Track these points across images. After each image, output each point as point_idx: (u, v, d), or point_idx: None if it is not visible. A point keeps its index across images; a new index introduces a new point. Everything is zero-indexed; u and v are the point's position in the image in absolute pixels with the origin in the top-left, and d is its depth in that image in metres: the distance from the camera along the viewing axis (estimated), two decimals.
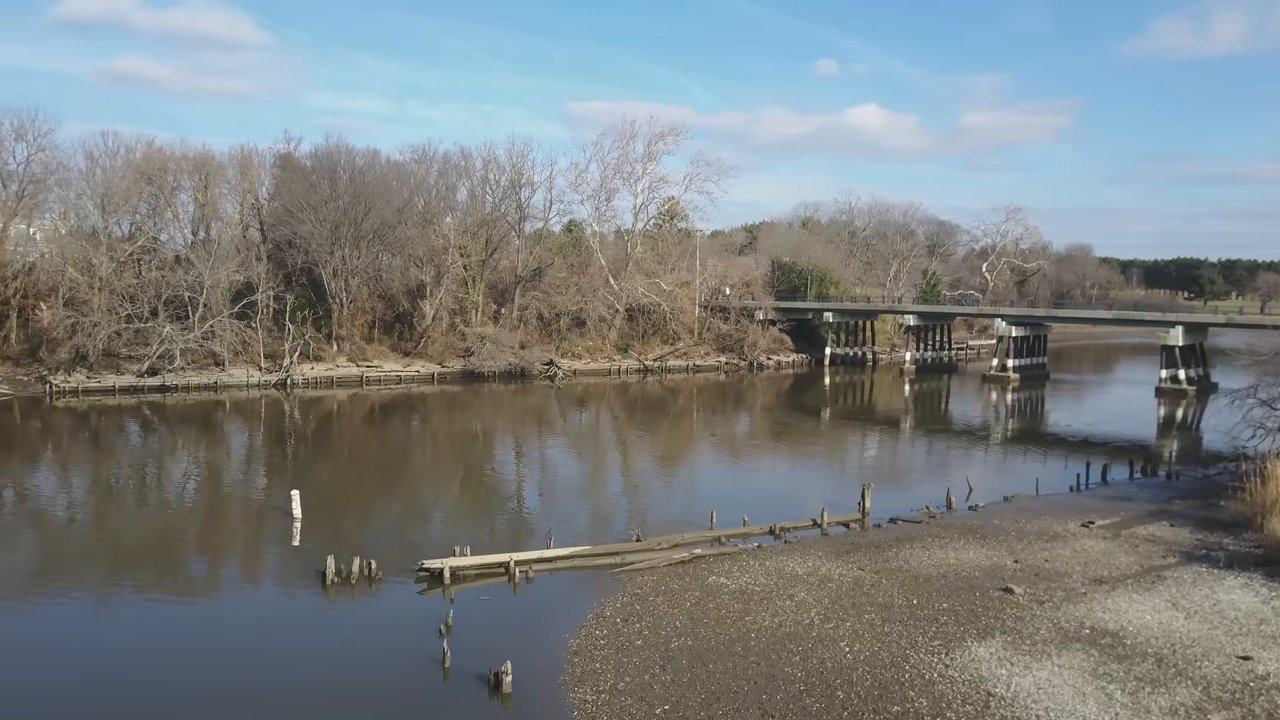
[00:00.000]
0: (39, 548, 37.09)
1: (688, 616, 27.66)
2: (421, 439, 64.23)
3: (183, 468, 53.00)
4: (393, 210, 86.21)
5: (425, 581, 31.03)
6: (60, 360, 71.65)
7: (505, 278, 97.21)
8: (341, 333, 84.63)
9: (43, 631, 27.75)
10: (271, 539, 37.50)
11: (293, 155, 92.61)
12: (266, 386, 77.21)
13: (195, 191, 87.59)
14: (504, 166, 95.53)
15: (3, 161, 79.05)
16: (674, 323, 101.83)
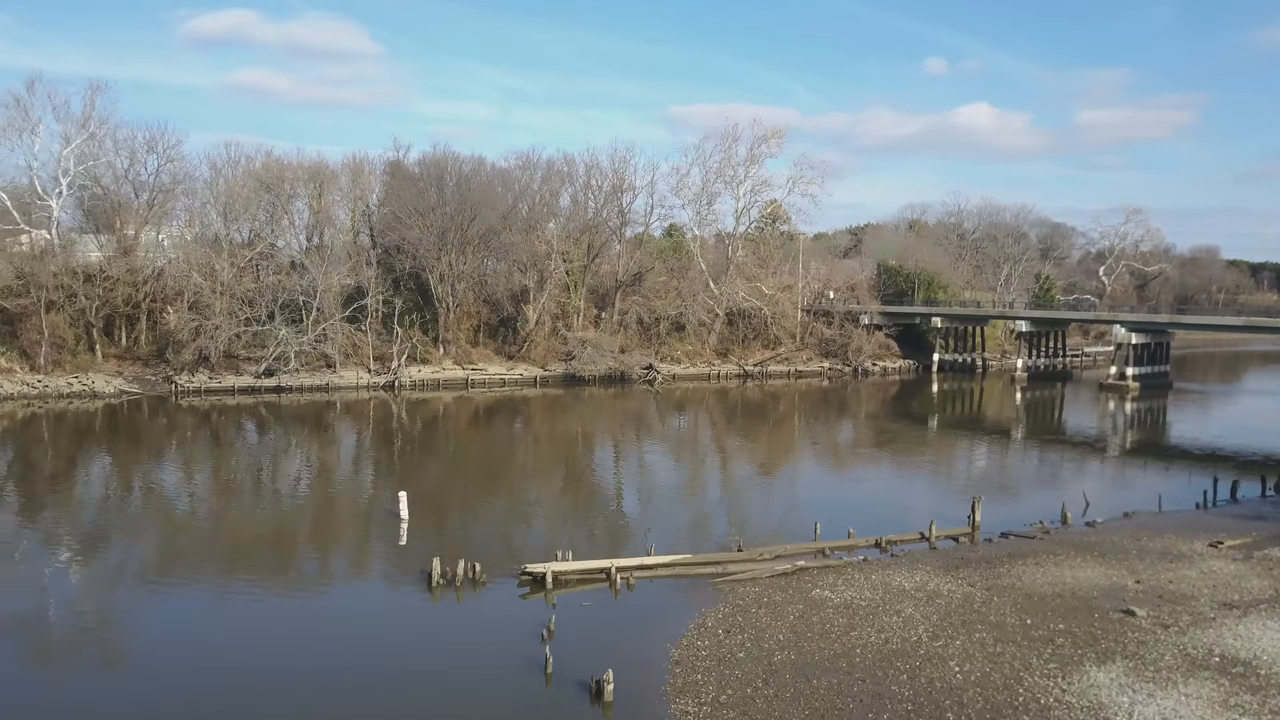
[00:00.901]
0: (164, 539, 38.86)
1: (791, 630, 27.14)
2: (524, 441, 65.02)
3: (296, 466, 54.86)
4: (497, 216, 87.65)
5: (527, 585, 31.27)
6: (185, 361, 75.08)
7: (606, 282, 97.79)
8: (447, 336, 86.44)
9: (166, 620, 29.02)
10: (379, 538, 38.41)
11: (402, 163, 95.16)
12: (375, 388, 79.38)
13: (310, 199, 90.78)
14: (606, 172, 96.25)
15: (135, 172, 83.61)
16: (775, 327, 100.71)
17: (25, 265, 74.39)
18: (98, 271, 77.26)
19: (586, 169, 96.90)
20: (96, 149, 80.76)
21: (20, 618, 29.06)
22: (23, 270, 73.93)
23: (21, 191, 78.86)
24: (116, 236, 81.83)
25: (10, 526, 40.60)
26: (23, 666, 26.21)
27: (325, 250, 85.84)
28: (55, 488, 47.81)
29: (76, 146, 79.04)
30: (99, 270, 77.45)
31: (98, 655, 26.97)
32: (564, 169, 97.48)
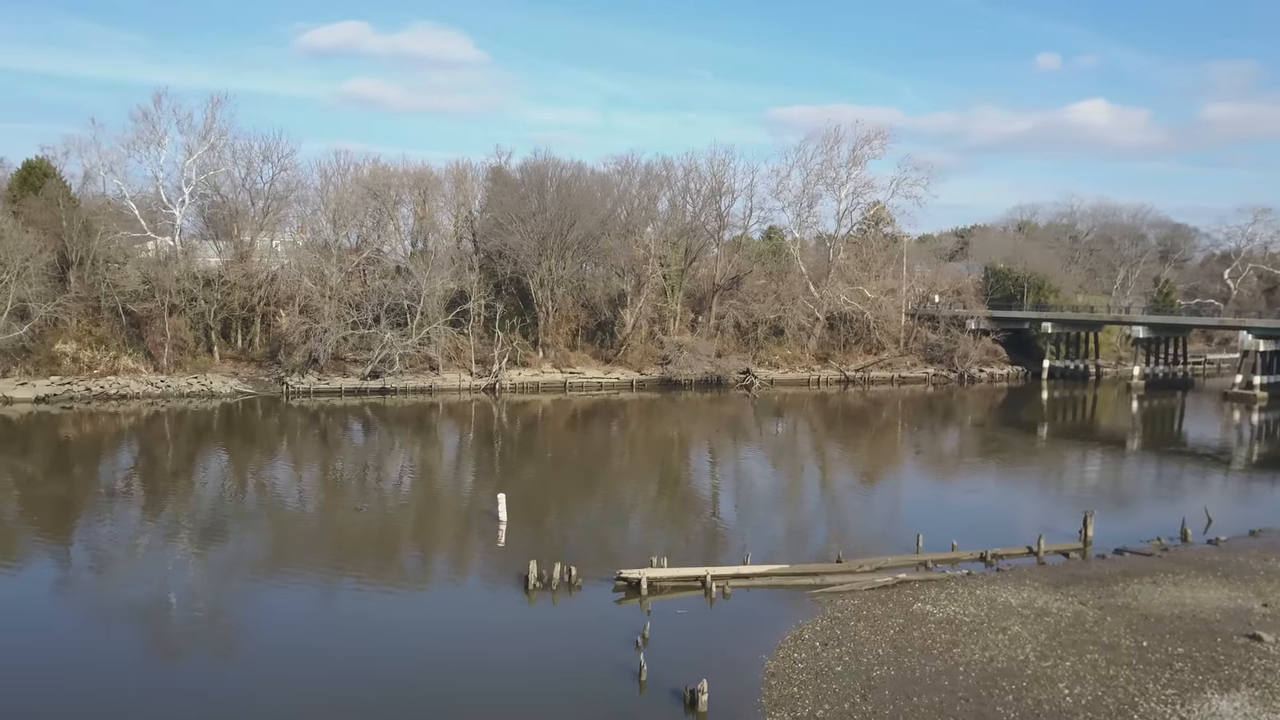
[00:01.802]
0: (275, 534, 40.29)
1: (891, 645, 26.44)
2: (620, 444, 65.24)
3: (399, 466, 56.22)
4: (596, 221, 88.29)
5: (622, 590, 31.26)
6: (295, 363, 77.80)
7: (703, 286, 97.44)
8: (546, 340, 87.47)
9: (275, 612, 30.04)
10: (478, 539, 38.99)
11: (504, 169, 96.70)
12: (476, 390, 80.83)
13: (415, 205, 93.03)
14: (705, 175, 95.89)
15: (252, 181, 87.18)
16: (878, 332, 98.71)
17: (151, 271, 78.26)
18: (216, 276, 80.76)
19: (685, 173, 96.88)
20: (216, 159, 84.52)
21: (143, 607, 30.59)
22: (148, 275, 77.79)
23: (148, 201, 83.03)
24: (234, 243, 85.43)
25: (135, 520, 42.73)
26: (146, 653, 27.55)
27: (429, 255, 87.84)
28: (176, 483, 50.05)
29: (198, 157, 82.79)
30: (217, 275, 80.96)
31: (211, 644, 28.13)
32: (662, 173, 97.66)
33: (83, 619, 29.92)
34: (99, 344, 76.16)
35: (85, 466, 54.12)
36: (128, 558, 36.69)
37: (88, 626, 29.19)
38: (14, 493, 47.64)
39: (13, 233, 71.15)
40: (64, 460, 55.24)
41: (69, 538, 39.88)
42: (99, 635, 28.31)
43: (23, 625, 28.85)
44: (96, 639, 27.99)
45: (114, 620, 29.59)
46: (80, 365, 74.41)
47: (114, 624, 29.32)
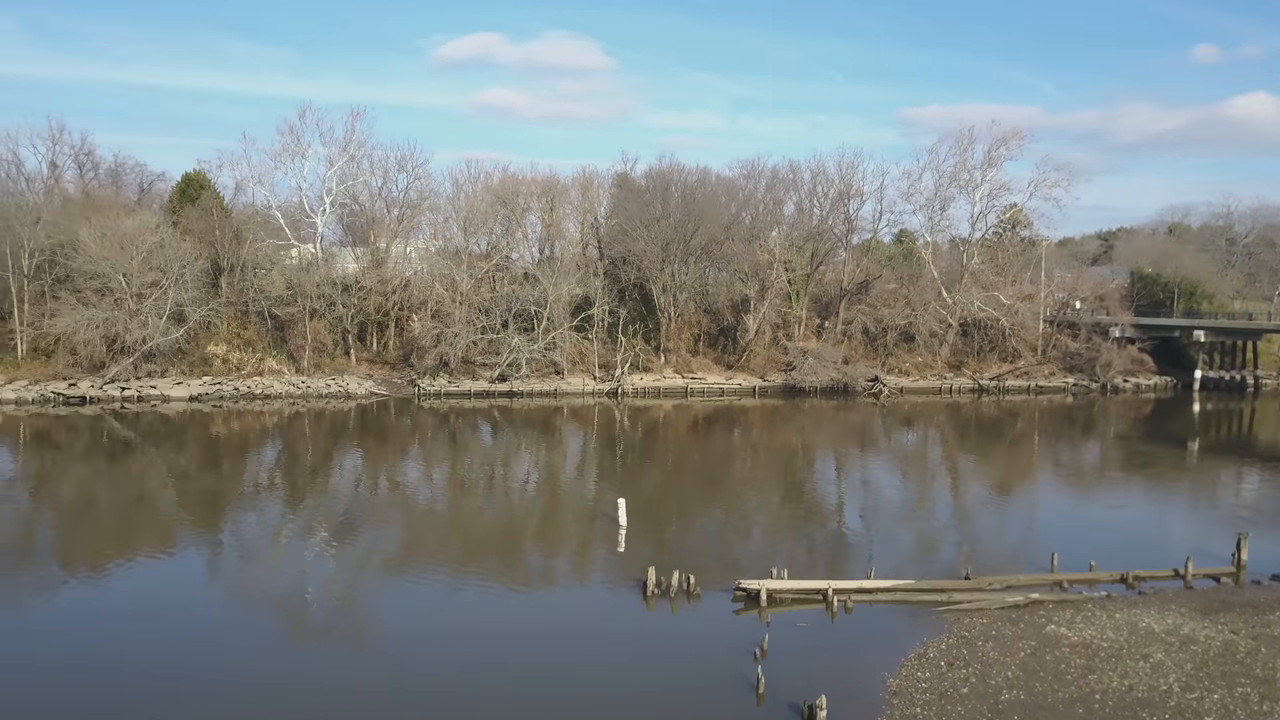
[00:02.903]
0: (406, 530, 41.69)
1: (1021, 667, 25.29)
2: (742, 451, 64.75)
3: (524, 467, 57.32)
4: (720, 226, 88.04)
5: (741, 601, 30.95)
6: (427, 366, 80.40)
7: (830, 291, 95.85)
8: (668, 345, 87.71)
9: (405, 605, 31.04)
10: (598, 543, 39.31)
11: (629, 175, 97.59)
12: (599, 394, 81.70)
13: (542, 212, 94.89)
14: (833, 178, 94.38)
15: (387, 190, 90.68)
16: (1014, 339, 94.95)
17: (294, 277, 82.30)
18: (354, 282, 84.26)
19: (812, 176, 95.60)
20: (355, 169, 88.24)
21: (283, 596, 32.18)
22: (292, 281, 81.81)
23: (293, 210, 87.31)
24: (370, 249, 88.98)
25: (277, 513, 44.99)
26: (285, 640, 28.93)
27: (555, 262, 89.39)
28: (314, 479, 52.42)
29: (338, 168, 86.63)
30: (355, 281, 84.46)
31: (346, 634, 29.38)
32: (789, 176, 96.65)
33: (229, 603, 31.69)
34: (247, 346, 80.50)
35: (233, 462, 57.23)
36: (270, 548, 38.62)
37: (233, 611, 30.87)
38: (170, 485, 50.83)
39: (172, 242, 75.97)
40: (214, 455, 58.55)
41: (218, 528, 42.26)
42: (243, 619, 29.90)
43: (177, 607, 30.67)
44: (240, 622, 29.57)
45: (257, 606, 31.20)
46: (229, 366, 78.79)
47: (256, 610, 30.90)
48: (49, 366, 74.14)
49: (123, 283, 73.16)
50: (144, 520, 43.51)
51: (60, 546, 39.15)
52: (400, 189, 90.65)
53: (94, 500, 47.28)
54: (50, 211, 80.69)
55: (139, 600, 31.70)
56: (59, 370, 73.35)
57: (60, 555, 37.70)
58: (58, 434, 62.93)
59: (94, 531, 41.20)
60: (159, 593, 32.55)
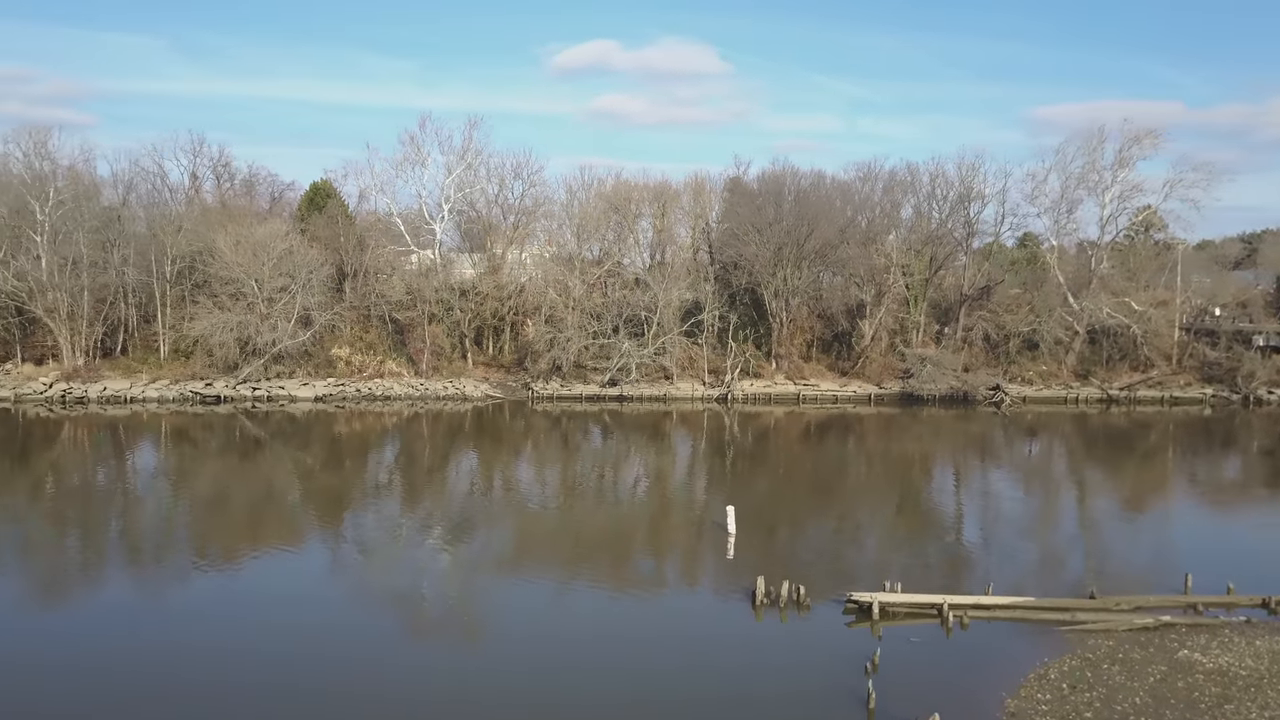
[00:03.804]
0: (518, 532, 42.40)
1: (1150, 694, 23.95)
2: (856, 460, 63.52)
3: (634, 471, 57.57)
4: (835, 230, 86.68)
5: (853, 613, 30.28)
6: (540, 370, 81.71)
7: (949, 296, 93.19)
8: (780, 351, 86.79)
9: (517, 605, 31.52)
10: (707, 549, 39.12)
11: (741, 179, 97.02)
12: (709, 400, 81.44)
13: (653, 217, 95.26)
14: (953, 180, 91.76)
15: (504, 197, 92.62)
16: (1147, 347, 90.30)
17: (413, 282, 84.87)
18: (471, 287, 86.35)
19: (931, 178, 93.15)
20: (472, 177, 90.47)
21: (401, 593, 33.17)
22: (411, 287, 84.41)
23: (413, 217, 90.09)
24: (487, 255, 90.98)
25: (395, 511, 46.41)
26: (401, 632, 29.78)
27: (666, 267, 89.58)
28: (432, 479, 53.86)
29: (456, 176, 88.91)
30: (472, 286, 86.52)
31: (458, 631, 30.05)
32: (907, 179, 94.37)
33: (349, 597, 32.82)
34: (369, 349, 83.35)
35: (355, 460, 59.32)
36: (389, 545, 39.83)
37: (352, 604, 31.97)
38: (296, 482, 53.02)
39: (300, 248, 79.32)
40: (337, 454, 60.79)
41: (340, 524, 43.86)
42: (362, 613, 30.90)
43: (301, 600, 31.93)
44: (359, 616, 30.56)
45: (375, 601, 32.23)
46: (352, 368, 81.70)
47: (375, 604, 31.91)
48: (187, 367, 78.37)
49: (255, 288, 76.75)
50: (272, 515, 45.49)
51: (196, 537, 41.23)
52: (516, 196, 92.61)
53: (227, 495, 49.67)
54: (190, 220, 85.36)
55: (265, 591, 33.14)
56: (196, 371, 77.43)
57: (196, 546, 39.70)
58: (195, 431, 66.40)
59: (227, 524, 43.30)
60: (284, 584, 33.96)
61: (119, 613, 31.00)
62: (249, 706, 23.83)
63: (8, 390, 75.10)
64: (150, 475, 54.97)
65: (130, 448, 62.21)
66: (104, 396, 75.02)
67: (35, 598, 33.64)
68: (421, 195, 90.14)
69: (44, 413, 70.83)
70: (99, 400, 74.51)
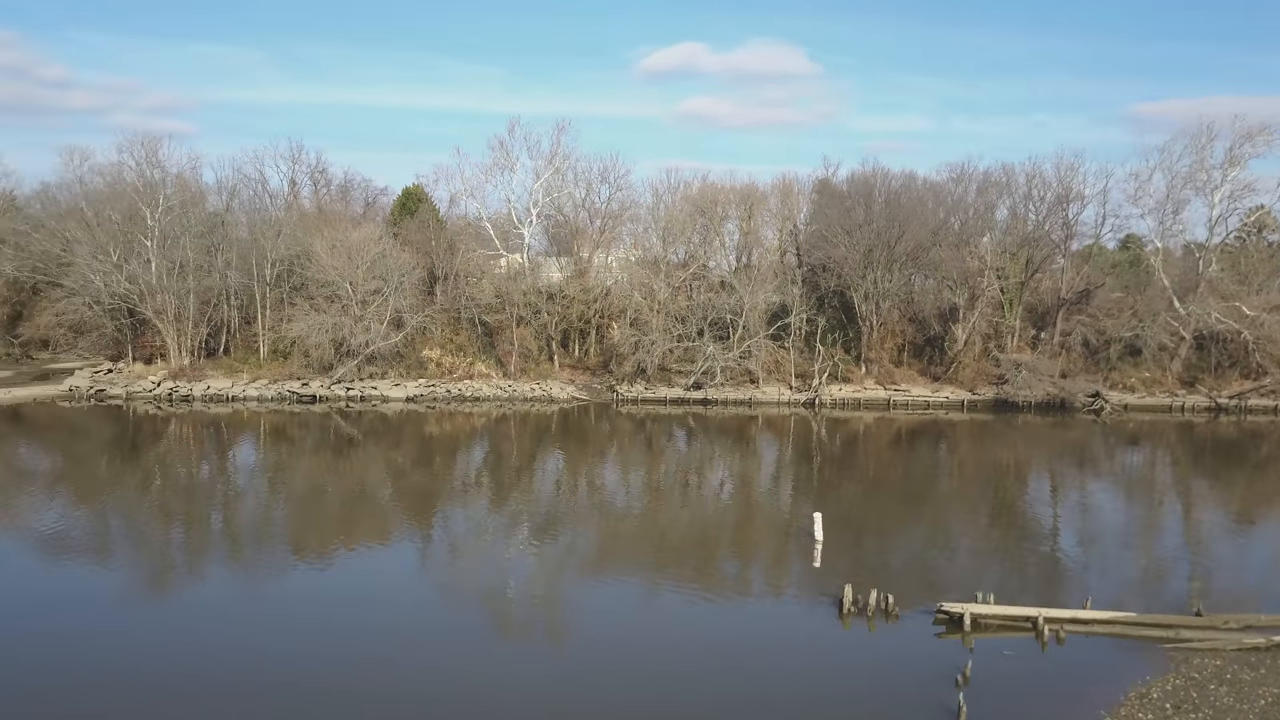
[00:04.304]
0: (603, 533, 42.58)
1: (1261, 717, 22.73)
2: (948, 467, 62.03)
3: (719, 475, 57.26)
4: (927, 232, 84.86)
5: (943, 624, 29.55)
6: (625, 373, 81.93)
7: (1046, 300, 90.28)
8: (870, 355, 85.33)
9: (601, 605, 31.68)
10: (793, 555, 38.65)
11: (830, 181, 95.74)
12: (795, 405, 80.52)
13: (740, 220, 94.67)
14: (1050, 181, 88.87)
15: (590, 201, 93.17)
16: (1259, 354, 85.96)
17: (502, 285, 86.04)
18: (558, 291, 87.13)
19: (1027, 178, 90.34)
20: (560, 181, 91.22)
21: (488, 591, 33.73)
22: (500, 290, 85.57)
23: (501, 221, 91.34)
24: (574, 259, 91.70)
25: (483, 510, 47.10)
26: (487, 630, 30.22)
27: (752, 270, 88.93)
28: (519, 479, 54.47)
29: (544, 180, 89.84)
30: (559, 289, 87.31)
31: (543, 631, 30.38)
32: (1002, 179, 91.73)
33: (437, 594, 33.48)
34: (458, 351, 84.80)
35: (444, 460, 60.39)
36: (476, 544, 40.44)
37: (440, 602, 32.59)
38: (388, 481, 54.25)
39: (393, 252, 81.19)
40: (428, 453, 61.97)
41: (430, 522, 44.74)
42: (449, 610, 31.48)
43: (390, 597, 32.62)
44: (446, 613, 31.17)
45: (462, 599, 32.78)
46: (442, 370, 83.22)
47: (461, 602, 32.47)
48: (285, 367, 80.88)
49: (349, 290, 78.82)
50: (364, 512, 46.61)
51: (292, 533, 42.52)
52: (603, 200, 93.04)
53: (322, 492, 51.07)
54: (289, 225, 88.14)
55: (356, 587, 33.94)
56: (294, 370, 79.85)
57: (292, 541, 40.93)
58: (292, 429, 68.49)
59: (322, 520, 44.54)
60: (375, 581, 34.74)
61: (219, 605, 32.14)
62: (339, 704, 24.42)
63: (120, 388, 78.64)
64: (250, 471, 56.94)
65: (231, 444, 64.53)
66: (207, 395, 77.97)
67: (142, 588, 35.10)
68: (510, 200, 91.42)
69: (152, 410, 73.97)
70: (203, 398, 77.47)
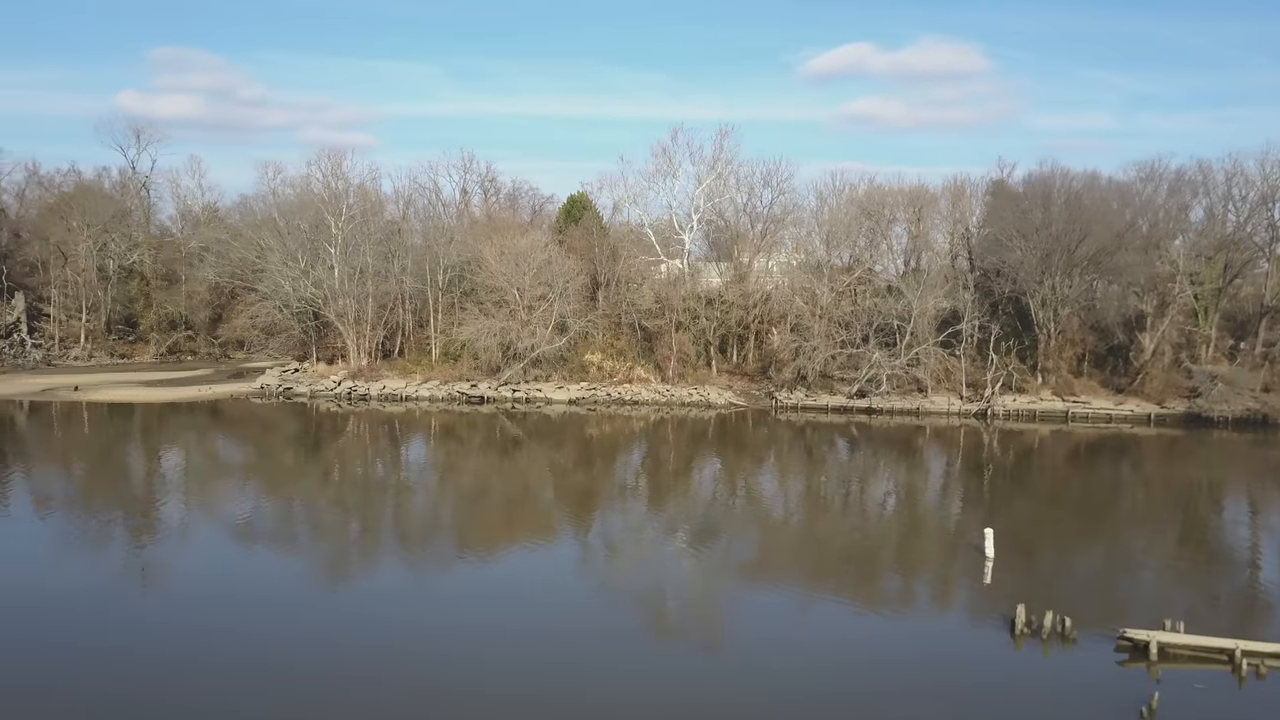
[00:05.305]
0: (761, 540, 42.16)
1: None
2: (1131, 485, 58.04)
3: (882, 486, 55.59)
4: (1111, 235, 79.77)
5: (1126, 651, 27.50)
6: (785, 379, 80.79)
7: (1247, 308, 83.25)
8: (1047, 365, 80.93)
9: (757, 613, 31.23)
10: (961, 572, 36.99)
11: (1005, 182, 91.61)
12: (966, 415, 77.25)
13: (908, 223, 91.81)
14: (1253, 179, 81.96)
15: (752, 205, 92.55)
16: None
17: (662, 291, 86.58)
18: (717, 296, 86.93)
19: (1227, 177, 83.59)
20: (721, 187, 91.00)
21: (645, 592, 33.98)
22: (660, 295, 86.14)
23: (662, 227, 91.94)
24: (734, 264, 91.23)
25: (641, 513, 47.43)
26: (642, 631, 30.41)
27: (921, 274, 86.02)
28: (676, 483, 54.57)
29: (706, 185, 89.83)
30: (718, 295, 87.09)
31: (699, 635, 30.23)
32: (1197, 178, 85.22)
33: (595, 593, 33.83)
34: (618, 355, 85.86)
35: (604, 462, 61.21)
36: (634, 546, 40.69)
37: (598, 601, 32.92)
38: (550, 480, 55.44)
39: (558, 259, 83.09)
40: (588, 455, 62.99)
41: (589, 522, 45.41)
42: (606, 608, 31.75)
43: (549, 596, 33.22)
44: (603, 611, 31.44)
45: (619, 599, 32.99)
46: (603, 373, 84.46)
47: (619, 602, 32.67)
48: (455, 369, 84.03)
49: (516, 296, 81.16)
50: (527, 510, 47.76)
51: (458, 528, 44.02)
52: (765, 204, 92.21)
53: (487, 489, 52.68)
54: (460, 232, 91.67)
55: (518, 585, 34.70)
56: (463, 372, 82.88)
57: (458, 536, 42.36)
58: (460, 429, 71.05)
59: (487, 517, 45.95)
60: (536, 579, 35.44)
61: (391, 595, 33.55)
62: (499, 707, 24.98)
63: (305, 386, 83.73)
64: (420, 468, 59.44)
65: (404, 442, 67.57)
66: (383, 394, 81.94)
67: (322, 575, 37.08)
68: (672, 206, 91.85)
69: (333, 408, 78.36)
70: (379, 397, 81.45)
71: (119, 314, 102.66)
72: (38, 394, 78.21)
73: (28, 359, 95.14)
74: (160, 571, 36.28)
